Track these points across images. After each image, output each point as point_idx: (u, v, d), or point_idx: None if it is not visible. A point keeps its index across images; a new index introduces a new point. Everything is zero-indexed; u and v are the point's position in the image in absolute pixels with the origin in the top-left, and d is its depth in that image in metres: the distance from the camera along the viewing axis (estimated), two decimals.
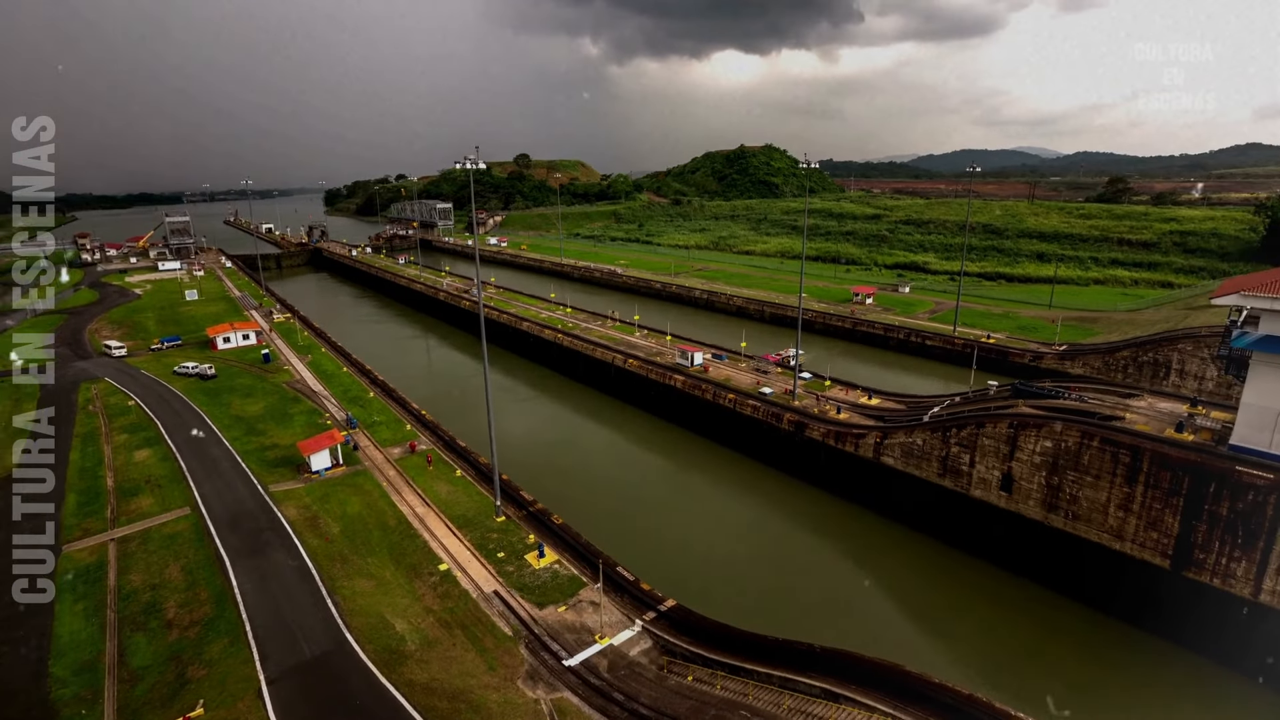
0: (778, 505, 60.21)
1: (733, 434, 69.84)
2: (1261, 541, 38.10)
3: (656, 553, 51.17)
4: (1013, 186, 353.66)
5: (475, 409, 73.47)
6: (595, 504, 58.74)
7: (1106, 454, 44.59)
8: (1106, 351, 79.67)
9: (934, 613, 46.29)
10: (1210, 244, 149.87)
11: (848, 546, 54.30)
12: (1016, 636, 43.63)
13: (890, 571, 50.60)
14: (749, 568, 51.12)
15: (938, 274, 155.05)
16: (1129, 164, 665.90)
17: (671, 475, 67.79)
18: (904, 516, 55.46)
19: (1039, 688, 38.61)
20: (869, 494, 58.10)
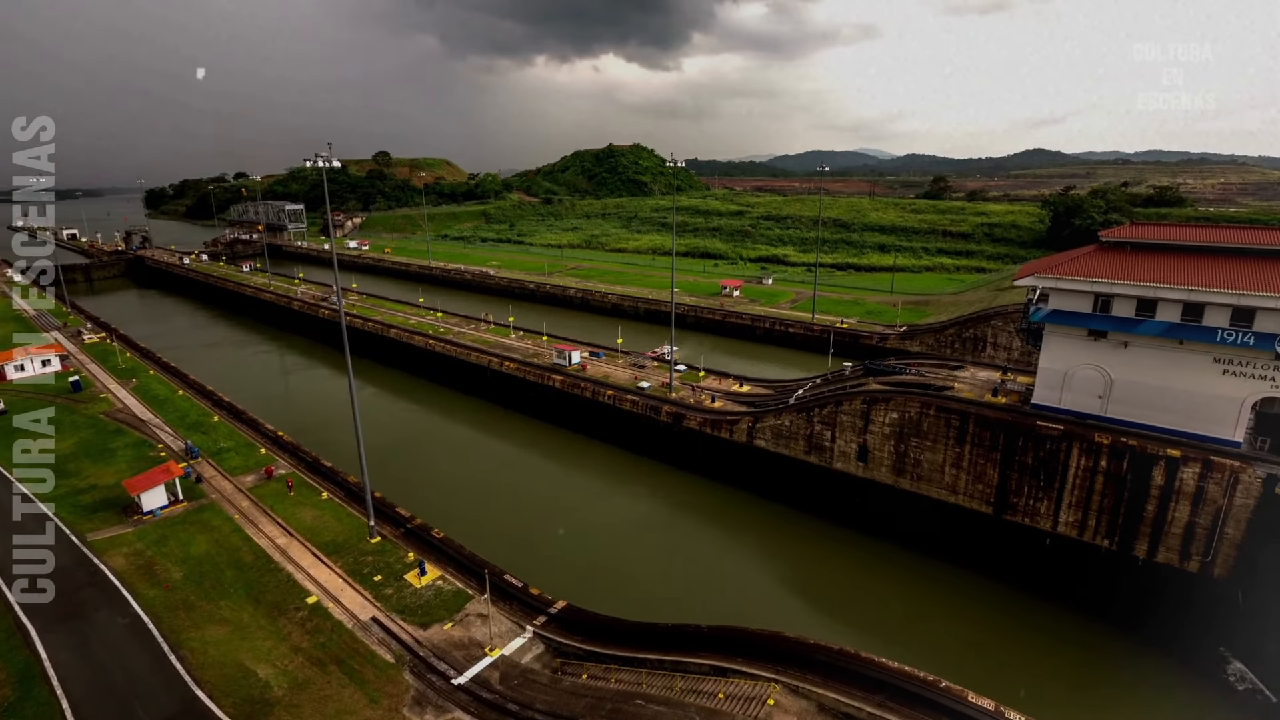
0: (661, 495, 61.95)
1: (614, 430, 70.78)
2: (1057, 481, 45.27)
3: (546, 555, 50.74)
4: (856, 184, 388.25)
5: (341, 425, 68.46)
6: (479, 513, 57.06)
7: (941, 420, 50.55)
8: (937, 330, 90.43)
9: (808, 580, 50.08)
10: (1012, 234, 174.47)
11: (729, 528, 57.10)
12: (874, 591, 48.33)
13: (768, 547, 53.93)
14: (638, 559, 52.20)
15: (796, 265, 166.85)
16: (948, 165, 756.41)
17: (556, 476, 67.42)
18: (777, 494, 59.28)
19: (896, 632, 43.15)
20: (745, 476, 61.45)
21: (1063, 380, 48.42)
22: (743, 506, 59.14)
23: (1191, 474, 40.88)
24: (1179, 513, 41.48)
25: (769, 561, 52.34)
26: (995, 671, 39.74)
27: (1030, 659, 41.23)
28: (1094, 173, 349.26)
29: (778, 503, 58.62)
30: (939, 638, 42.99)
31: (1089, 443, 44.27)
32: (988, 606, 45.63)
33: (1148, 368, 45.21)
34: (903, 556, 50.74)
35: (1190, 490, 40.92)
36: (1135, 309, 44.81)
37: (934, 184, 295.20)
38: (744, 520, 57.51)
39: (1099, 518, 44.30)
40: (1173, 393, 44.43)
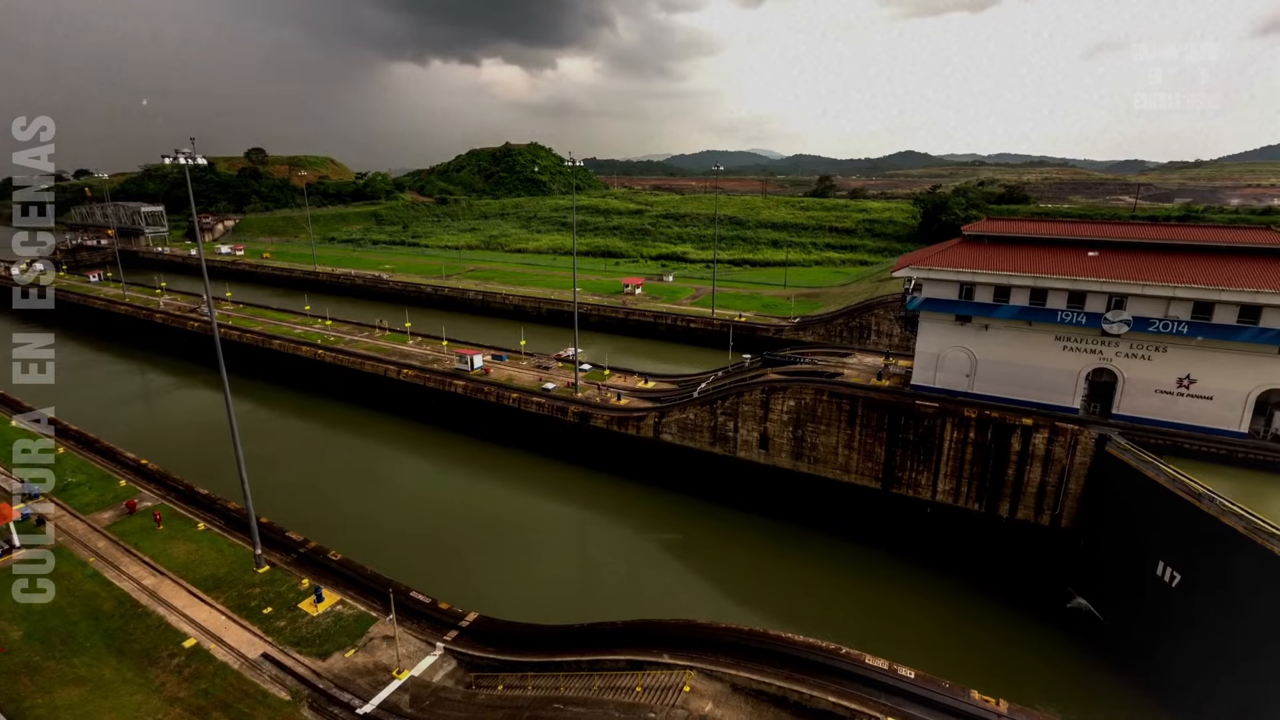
0: (572, 496, 61.70)
1: (520, 433, 69.64)
2: (934, 455, 49.58)
3: (455, 567, 49.14)
4: (749, 183, 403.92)
5: (219, 448, 62.68)
6: (381, 530, 54.28)
7: (834, 405, 53.80)
8: (827, 320, 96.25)
9: (720, 567, 51.64)
10: (890, 229, 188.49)
11: (640, 524, 57.80)
12: (781, 571, 50.69)
13: (680, 539, 55.10)
14: (552, 562, 51.71)
15: (695, 262, 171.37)
16: (832, 165, 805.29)
17: (462, 485, 65.39)
18: (685, 487, 60.69)
19: (803, 608, 45.56)
20: (653, 471, 62.43)
21: (936, 362, 53.01)
22: (652, 501, 60.08)
23: (1042, 439, 46.16)
24: (1033, 474, 46.75)
25: (682, 553, 53.53)
26: (890, 633, 42.97)
27: (919, 618, 44.84)
28: (955, 173, 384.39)
29: (686, 495, 60.04)
30: (841, 608, 45.89)
31: (959, 417, 48.82)
32: (880, 575, 49.15)
33: (1005, 347, 50.43)
34: (805, 537, 53.55)
35: (1041, 454, 46.22)
36: (993, 295, 49.82)
37: (820, 183, 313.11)
38: (654, 514, 58.43)
39: (970, 484, 49.04)
40: (1025, 368, 49.88)
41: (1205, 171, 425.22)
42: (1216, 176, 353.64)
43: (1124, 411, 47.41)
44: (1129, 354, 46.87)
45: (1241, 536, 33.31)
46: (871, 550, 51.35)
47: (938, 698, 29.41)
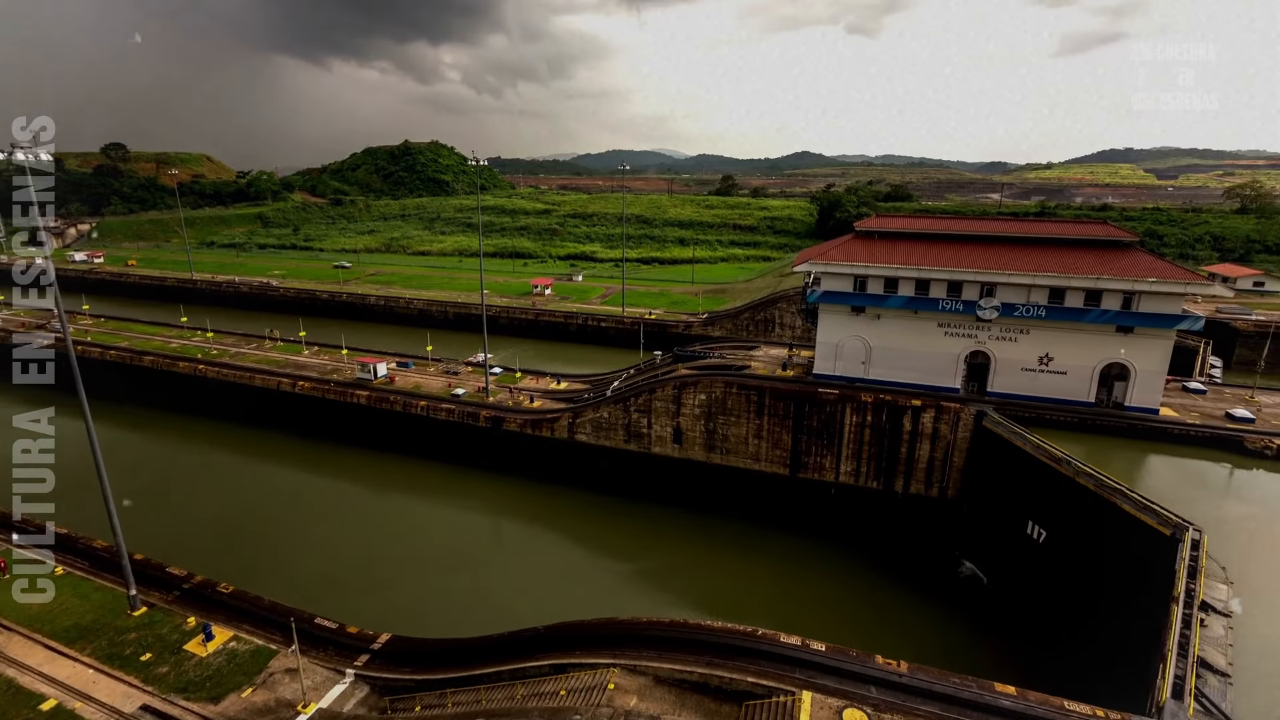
0: (487, 504, 60.21)
1: (430, 442, 67.07)
2: (836, 439, 52.50)
3: (365, 588, 46.64)
4: (655, 182, 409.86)
5: (81, 480, 55.97)
6: (281, 556, 50.65)
7: (743, 397, 55.67)
8: (734, 315, 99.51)
9: (641, 562, 52.09)
10: (789, 226, 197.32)
11: (559, 526, 57.29)
12: (701, 561, 51.90)
13: (600, 538, 55.13)
14: (469, 573, 50.19)
15: (604, 261, 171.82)
16: (734, 165, 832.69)
17: (369, 500, 62.12)
18: (602, 486, 60.74)
19: (723, 594, 46.86)
20: (569, 472, 62.04)
21: (835, 351, 56.13)
22: (570, 502, 59.71)
23: (929, 418, 50.02)
24: (923, 451, 50.60)
25: (602, 551, 53.57)
26: (803, 610, 45.09)
27: (828, 593, 47.37)
28: (848, 172, 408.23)
29: (603, 494, 60.11)
30: (757, 592, 47.61)
31: (857, 402, 51.94)
32: (792, 556, 51.39)
33: (896, 335, 54.20)
34: (720, 526, 55.08)
35: (929, 432, 50.09)
36: (884, 287, 53.41)
37: (723, 182, 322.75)
38: (572, 516, 58.11)
39: (869, 464, 52.37)
40: (913, 353, 53.85)
41: (1054, 172, 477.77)
42: (1064, 177, 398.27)
43: (997, 389, 52.27)
44: (999, 337, 51.71)
45: (1092, 493, 37.61)
46: (783, 534, 53.60)
47: (847, 666, 31.16)
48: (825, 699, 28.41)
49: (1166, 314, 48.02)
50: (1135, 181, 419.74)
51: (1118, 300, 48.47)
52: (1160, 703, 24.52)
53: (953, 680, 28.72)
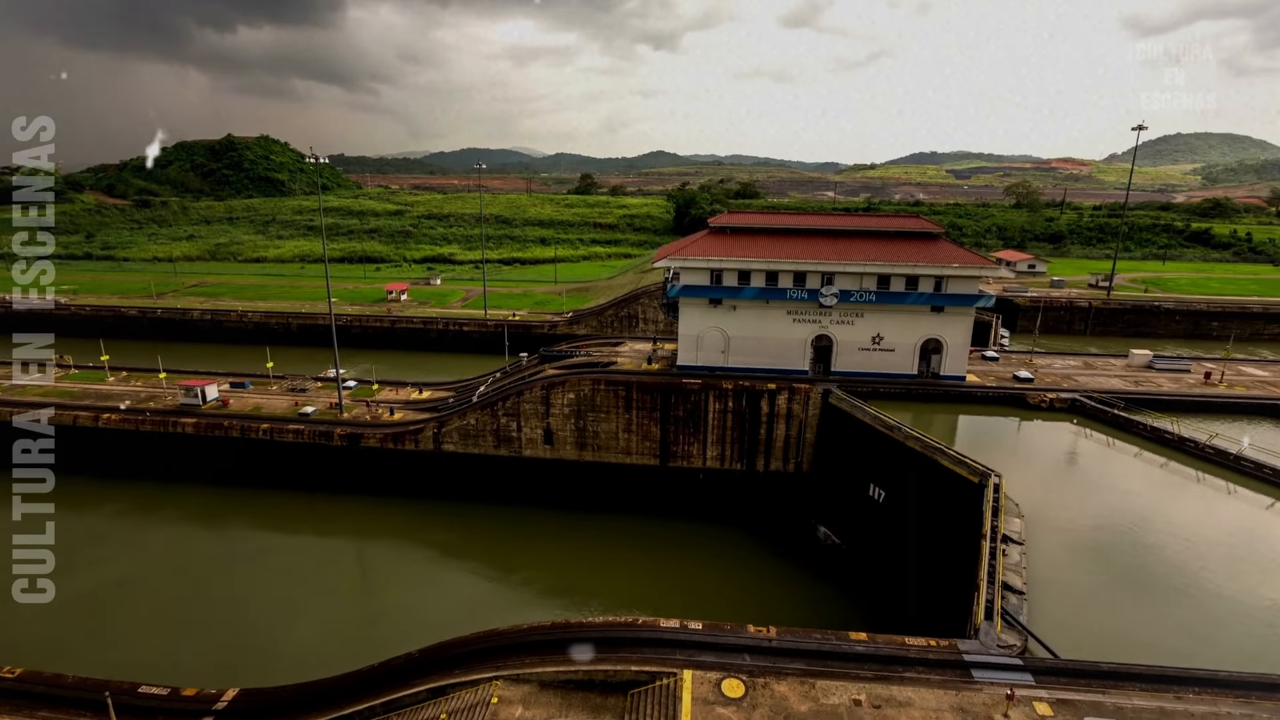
0: (345, 528, 55.78)
1: (277, 469, 60.75)
2: (701, 426, 54.99)
3: (202, 644, 41.29)
4: (513, 181, 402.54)
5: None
6: (91, 623, 43.27)
7: (611, 393, 56.37)
8: (598, 312, 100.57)
9: (520, 568, 50.92)
10: (648, 224, 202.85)
11: (430, 541, 54.51)
12: (582, 559, 51.91)
13: (475, 549, 53.15)
14: (330, 606, 46.20)
15: (464, 264, 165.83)
16: (592, 164, 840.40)
17: (205, 541, 55.02)
18: (473, 495, 58.69)
19: (604, 588, 47.21)
20: (437, 485, 59.24)
21: (696, 342, 58.61)
22: (440, 516, 57.06)
23: (784, 400, 53.97)
24: (779, 430, 54.52)
25: (478, 562, 51.76)
26: (681, 592, 46.66)
27: (703, 573, 49.44)
28: (700, 171, 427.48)
29: (475, 503, 58.14)
30: (637, 581, 48.53)
31: (719, 390, 54.72)
32: (667, 543, 53.04)
33: (751, 324, 57.69)
34: (596, 522, 55.48)
35: (784, 412, 54.08)
36: (738, 279, 56.59)
37: (582, 181, 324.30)
38: (444, 529, 55.59)
39: (732, 447, 55.45)
40: (767, 341, 57.67)
41: (877, 172, 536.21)
42: (885, 176, 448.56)
43: (839, 368, 57.56)
44: (839, 321, 56.94)
45: (919, 453, 42.72)
46: (658, 522, 55.14)
47: (722, 640, 32.76)
48: (705, 674, 29.65)
49: (968, 294, 55.69)
50: (940, 181, 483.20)
51: (931, 284, 55.36)
52: (977, 625, 28.48)
53: (815, 636, 31.22)
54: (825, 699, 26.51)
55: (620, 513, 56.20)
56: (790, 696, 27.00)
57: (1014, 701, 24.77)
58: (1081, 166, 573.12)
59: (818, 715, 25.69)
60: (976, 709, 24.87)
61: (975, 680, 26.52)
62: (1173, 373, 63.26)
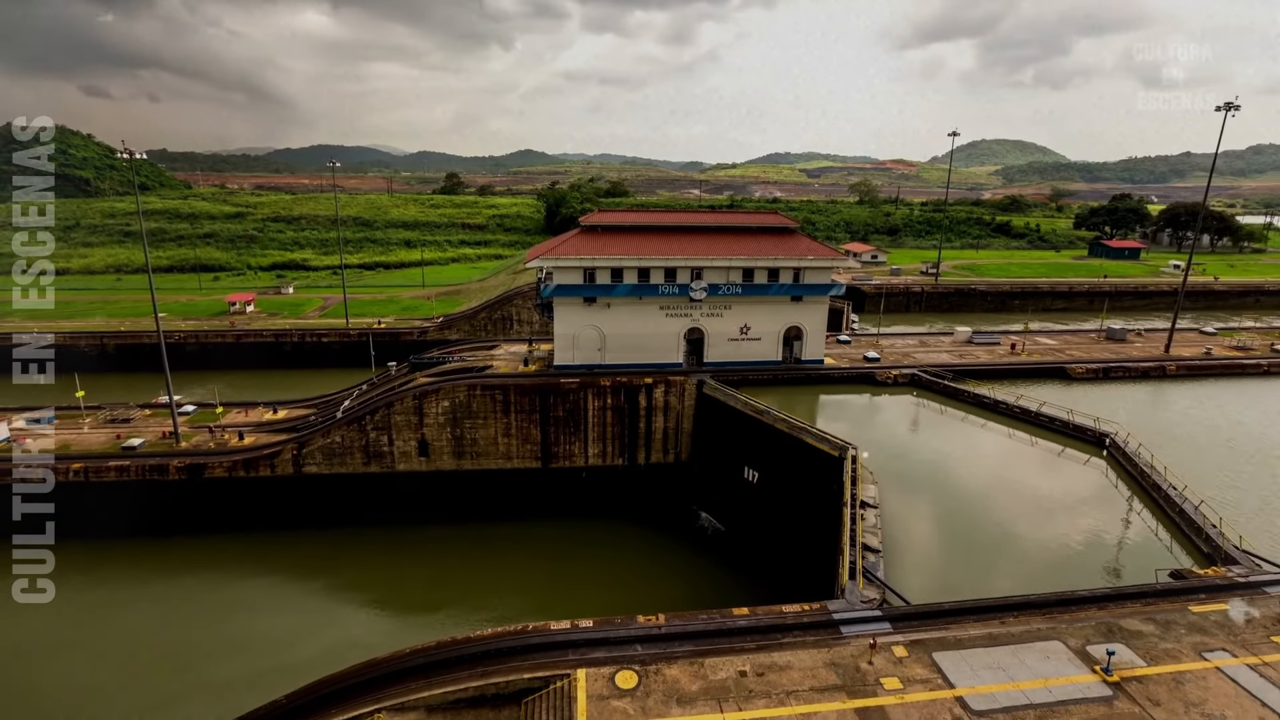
0: (189, 575, 49.17)
1: (96, 515, 52.25)
2: (582, 425, 55.10)
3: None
4: (372, 181, 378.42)
5: None
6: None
7: (487, 398, 54.79)
8: (471, 316, 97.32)
9: (397, 591, 48.08)
10: (519, 224, 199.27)
11: (292, 577, 49.73)
12: (462, 572, 50.01)
13: (345, 578, 49.35)
14: (173, 670, 40.61)
15: (320, 270, 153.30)
16: (458, 163, 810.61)
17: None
18: (343, 519, 54.57)
19: (492, 598, 45.84)
20: (299, 513, 54.31)
21: (573, 341, 58.49)
22: (304, 547, 52.28)
23: (660, 393, 55.44)
24: (658, 423, 55.98)
25: (354, 590, 48.12)
26: (572, 592, 46.54)
27: (592, 570, 49.67)
28: (570, 170, 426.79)
29: (346, 527, 54.07)
30: (526, 587, 47.62)
31: (598, 387, 55.06)
32: (554, 544, 52.62)
33: (625, 320, 58.52)
34: (479, 531, 53.71)
35: (661, 405, 55.58)
36: (611, 277, 57.14)
37: (448, 180, 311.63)
38: (312, 559, 51.05)
39: (613, 443, 56.10)
40: (642, 336, 58.85)
41: (738, 171, 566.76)
42: (745, 175, 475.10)
43: (711, 359, 60.10)
44: (709, 314, 59.38)
45: (786, 434, 45.77)
46: (543, 525, 54.50)
47: (613, 633, 33.05)
48: (598, 670, 29.75)
49: (823, 284, 60.42)
50: (793, 180, 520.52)
51: (791, 275, 59.39)
52: (842, 585, 31.07)
53: (701, 618, 32.41)
54: (714, 675, 27.63)
55: (504, 519, 54.89)
56: (681, 678, 27.85)
57: (876, 649, 27.31)
58: (910, 167, 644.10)
59: (707, 691, 26.73)
60: (846, 661, 27.12)
61: (844, 635, 28.91)
62: (987, 345, 72.99)
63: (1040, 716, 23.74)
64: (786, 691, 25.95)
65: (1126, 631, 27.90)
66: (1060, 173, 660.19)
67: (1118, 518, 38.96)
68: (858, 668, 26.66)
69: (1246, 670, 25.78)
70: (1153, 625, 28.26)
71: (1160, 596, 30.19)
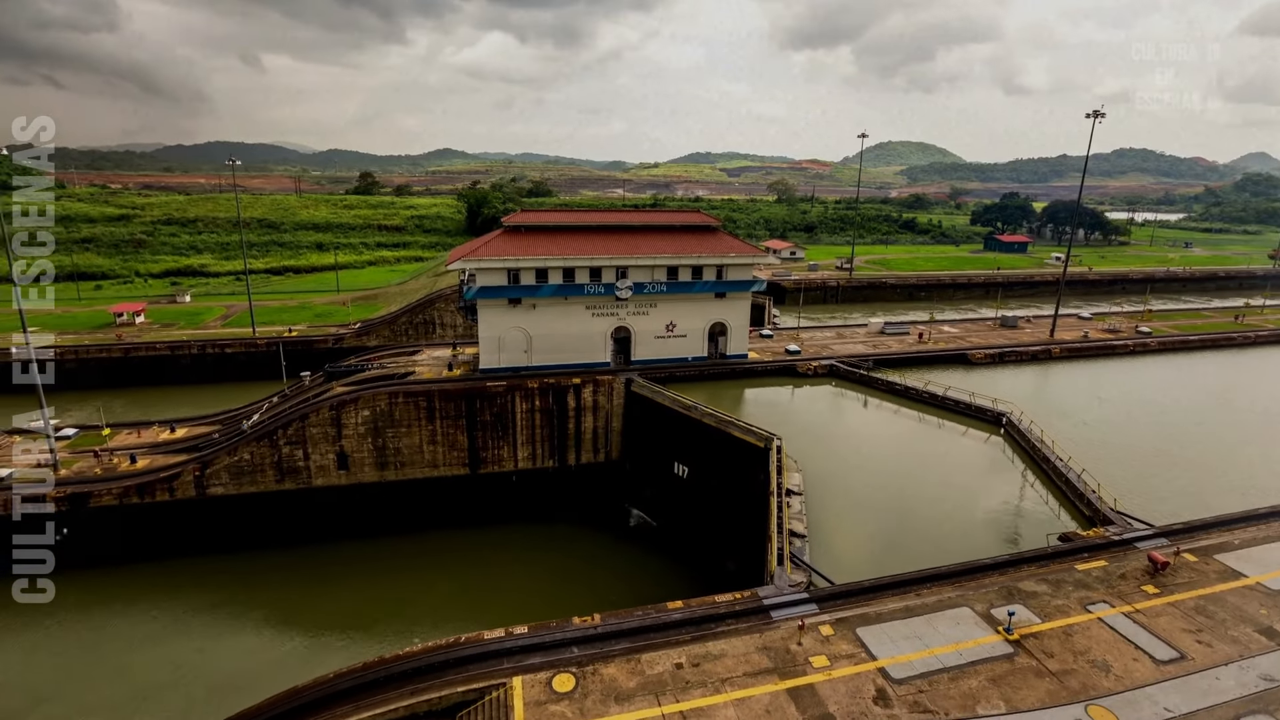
0: (73, 619, 44.59)
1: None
2: (510, 429, 54.21)
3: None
4: (278, 180, 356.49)
5: None
6: None
7: (411, 405, 52.87)
8: (390, 321, 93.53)
9: (318, 615, 45.37)
10: (439, 224, 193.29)
11: (199, 608, 45.98)
12: (388, 589, 48.00)
13: (260, 606, 46.25)
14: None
15: (221, 276, 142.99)
16: (372, 162, 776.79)
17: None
18: (253, 542, 50.97)
19: (423, 614, 44.27)
20: (205, 538, 50.45)
21: (498, 344, 57.35)
22: (211, 574, 48.38)
23: (589, 393, 55.29)
24: (587, 423, 55.83)
25: (268, 619, 45.10)
26: (506, 599, 45.62)
27: (526, 575, 48.87)
28: (492, 169, 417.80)
29: (256, 551, 50.36)
30: (460, 597, 46.32)
31: (525, 390, 54.26)
32: (486, 551, 51.49)
33: (552, 321, 57.96)
34: (403, 545, 51.73)
35: (590, 405, 55.45)
36: (535, 277, 56.41)
37: (362, 179, 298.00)
38: (217, 589, 47.27)
39: (543, 445, 55.48)
40: (568, 336, 58.47)
41: (661, 170, 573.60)
42: (668, 174, 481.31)
43: (638, 357, 60.52)
44: (635, 312, 59.74)
45: (714, 428, 46.78)
46: (473, 532, 53.20)
47: (549, 638, 32.72)
48: (534, 676, 29.39)
49: (745, 280, 62.06)
50: (715, 179, 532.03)
51: (714, 273, 60.64)
52: (771, 571, 32.11)
53: (637, 614, 32.63)
54: (651, 670, 27.92)
55: (433, 529, 53.17)
56: (619, 676, 27.97)
57: (805, 630, 28.42)
58: (824, 167, 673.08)
59: (645, 687, 26.97)
60: (776, 644, 28.06)
61: (774, 620, 29.89)
62: (898, 335, 77.40)
63: (953, 678, 25.48)
64: (721, 679, 26.58)
65: (1024, 593, 30.36)
66: (958, 173, 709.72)
67: (1015, 489, 42.31)
68: (788, 649, 27.65)
69: (1123, 618, 28.66)
70: (1046, 585, 30.88)
71: (1051, 559, 33.01)
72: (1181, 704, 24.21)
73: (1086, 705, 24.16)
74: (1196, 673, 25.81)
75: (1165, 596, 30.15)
